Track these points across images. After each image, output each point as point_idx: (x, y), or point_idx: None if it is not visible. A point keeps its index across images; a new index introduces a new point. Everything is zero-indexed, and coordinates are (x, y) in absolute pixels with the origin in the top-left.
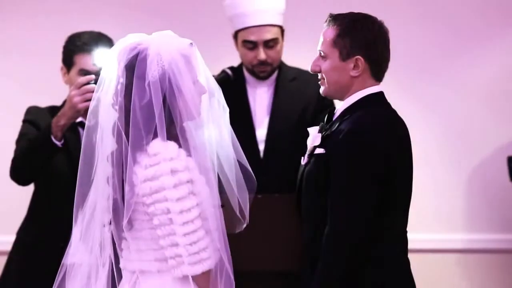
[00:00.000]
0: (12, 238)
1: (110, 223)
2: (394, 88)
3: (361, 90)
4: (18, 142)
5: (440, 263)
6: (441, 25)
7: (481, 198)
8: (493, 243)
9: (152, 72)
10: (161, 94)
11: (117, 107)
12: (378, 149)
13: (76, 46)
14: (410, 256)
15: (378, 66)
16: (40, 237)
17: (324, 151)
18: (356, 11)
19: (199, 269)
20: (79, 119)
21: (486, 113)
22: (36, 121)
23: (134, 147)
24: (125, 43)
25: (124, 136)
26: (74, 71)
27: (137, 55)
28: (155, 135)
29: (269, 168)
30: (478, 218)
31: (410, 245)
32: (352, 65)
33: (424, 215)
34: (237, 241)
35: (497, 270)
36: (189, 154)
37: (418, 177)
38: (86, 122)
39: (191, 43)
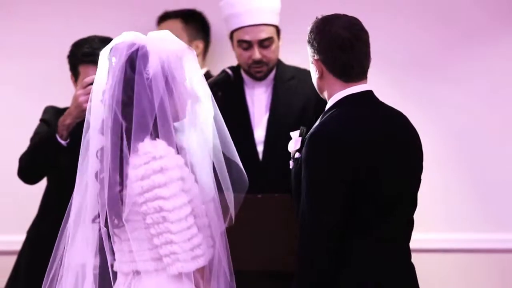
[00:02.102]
0: (22, 238)
1: (97, 220)
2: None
3: (331, 91)
4: (31, 140)
5: (440, 263)
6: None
7: (482, 198)
8: (493, 242)
9: (152, 69)
10: (160, 91)
11: (106, 103)
12: (338, 150)
13: (78, 58)
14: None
15: (336, 68)
16: (49, 235)
17: (300, 155)
18: (355, 10)
19: (193, 265)
20: None
21: (490, 112)
22: (50, 121)
23: (129, 143)
24: (120, 40)
25: (117, 132)
26: (80, 81)
27: (137, 51)
28: (150, 133)
29: (268, 169)
30: (479, 218)
31: (410, 245)
32: (314, 67)
33: (424, 215)
34: (237, 241)
35: (497, 270)
36: (177, 152)
37: None
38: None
39: (187, 47)
